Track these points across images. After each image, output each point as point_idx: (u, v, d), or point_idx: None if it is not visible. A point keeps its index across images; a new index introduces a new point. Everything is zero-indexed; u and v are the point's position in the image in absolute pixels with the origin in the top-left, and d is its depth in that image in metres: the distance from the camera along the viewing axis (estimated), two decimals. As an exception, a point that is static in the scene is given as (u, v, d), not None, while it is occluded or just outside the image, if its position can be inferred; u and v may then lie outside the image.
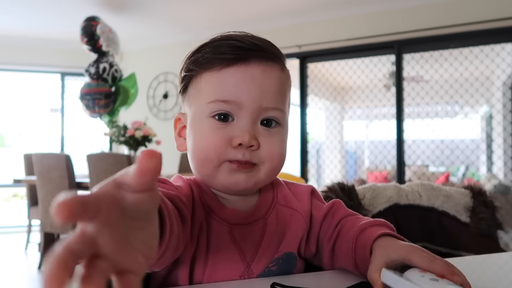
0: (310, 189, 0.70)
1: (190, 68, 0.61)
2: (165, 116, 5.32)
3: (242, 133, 0.56)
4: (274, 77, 0.59)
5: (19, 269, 3.65)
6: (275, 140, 0.59)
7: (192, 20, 4.71)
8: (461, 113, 7.09)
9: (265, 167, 0.58)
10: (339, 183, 0.98)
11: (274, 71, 0.59)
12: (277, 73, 0.59)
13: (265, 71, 0.58)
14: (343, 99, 7.29)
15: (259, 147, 0.57)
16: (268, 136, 0.58)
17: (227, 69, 0.57)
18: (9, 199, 9.42)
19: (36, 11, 4.35)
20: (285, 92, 0.61)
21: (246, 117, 0.57)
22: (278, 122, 0.59)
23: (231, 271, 0.58)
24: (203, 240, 0.58)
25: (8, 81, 5.91)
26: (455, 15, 3.77)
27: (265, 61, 0.58)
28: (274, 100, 0.58)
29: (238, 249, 0.59)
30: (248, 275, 0.59)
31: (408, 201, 0.97)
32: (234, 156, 0.56)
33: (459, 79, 4.24)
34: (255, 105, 0.57)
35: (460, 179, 7.40)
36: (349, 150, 8.84)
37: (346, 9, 4.24)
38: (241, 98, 0.56)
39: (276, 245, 0.62)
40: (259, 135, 0.58)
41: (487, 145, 6.60)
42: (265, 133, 0.58)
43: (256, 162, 0.57)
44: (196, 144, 0.59)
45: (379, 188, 0.99)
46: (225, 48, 0.58)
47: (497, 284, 0.59)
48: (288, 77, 0.63)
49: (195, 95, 0.61)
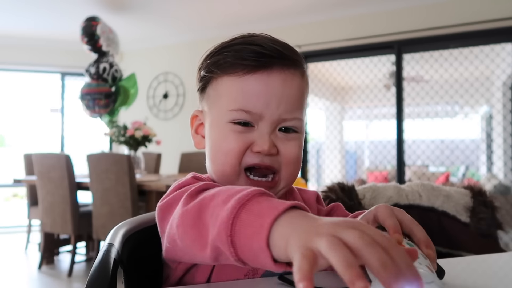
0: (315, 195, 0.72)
1: (210, 69, 0.62)
2: (165, 116, 5.32)
3: (263, 141, 0.58)
4: (295, 86, 0.60)
5: (19, 269, 3.65)
6: (292, 146, 0.61)
7: (192, 20, 4.71)
8: (461, 113, 7.09)
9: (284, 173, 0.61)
10: (339, 183, 0.98)
11: (294, 79, 0.60)
12: (297, 81, 0.61)
13: (286, 80, 0.59)
14: (343, 99, 7.28)
15: (278, 153, 0.60)
16: (286, 142, 0.60)
17: (248, 76, 0.58)
18: (9, 199, 9.42)
19: (36, 11, 4.35)
20: (304, 100, 0.63)
21: (266, 126, 0.59)
22: (296, 130, 0.62)
23: (236, 271, 0.59)
24: None
25: (8, 81, 5.91)
26: (455, 15, 3.77)
27: (287, 69, 0.59)
28: (294, 111, 0.60)
29: None
30: (253, 275, 0.59)
31: (408, 201, 0.97)
32: (252, 160, 0.59)
33: (459, 79, 4.24)
34: (275, 116, 0.59)
35: (460, 179, 7.40)
36: (349, 150, 8.84)
37: (346, 9, 4.24)
38: (262, 110, 0.58)
39: None
40: (277, 141, 0.60)
41: (487, 145, 6.60)
42: (283, 139, 0.60)
43: (276, 167, 0.60)
44: (216, 147, 0.61)
45: (379, 188, 0.99)
46: (248, 53, 0.58)
47: (497, 284, 0.59)
48: (307, 84, 0.64)
49: (215, 98, 0.62)
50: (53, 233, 3.46)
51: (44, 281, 3.23)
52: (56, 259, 3.74)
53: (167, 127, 5.19)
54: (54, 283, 3.17)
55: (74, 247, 3.22)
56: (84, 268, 3.48)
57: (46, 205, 3.25)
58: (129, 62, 5.45)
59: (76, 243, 3.23)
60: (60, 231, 3.25)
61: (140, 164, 3.58)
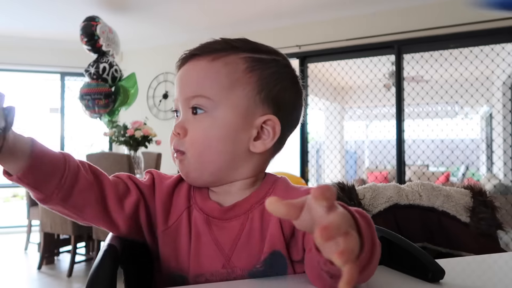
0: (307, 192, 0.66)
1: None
2: (165, 116, 5.32)
3: (176, 123, 0.64)
4: (197, 69, 0.63)
5: (19, 269, 3.65)
6: (198, 126, 0.62)
7: (192, 20, 4.71)
8: (461, 113, 7.09)
9: (189, 154, 0.62)
10: (339, 183, 0.98)
11: (199, 64, 0.63)
12: (202, 64, 0.63)
13: (189, 67, 0.64)
14: (343, 99, 7.28)
15: (186, 135, 0.63)
16: (194, 123, 0.62)
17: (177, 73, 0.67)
18: (9, 199, 9.42)
19: (36, 11, 4.35)
20: (214, 79, 0.62)
21: (181, 111, 0.64)
22: (202, 109, 0.62)
23: (212, 260, 0.61)
24: (184, 226, 0.63)
25: (8, 81, 5.91)
26: (455, 15, 3.77)
27: (191, 59, 0.65)
28: (195, 88, 0.62)
29: (214, 240, 0.61)
30: (231, 268, 0.60)
31: (408, 201, 0.97)
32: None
33: (459, 79, 4.24)
34: (182, 97, 0.64)
35: (460, 179, 7.41)
36: (349, 150, 8.84)
37: (346, 9, 4.24)
38: (177, 96, 0.65)
39: (260, 240, 0.61)
40: (189, 124, 0.63)
41: (487, 145, 6.60)
42: (192, 121, 0.63)
43: (183, 149, 0.63)
44: None
45: (379, 188, 0.99)
46: (182, 55, 0.66)
47: (497, 284, 0.59)
48: (225, 65, 0.62)
49: None
50: (53, 233, 3.46)
51: (44, 281, 3.23)
52: (56, 259, 3.75)
53: (167, 127, 5.18)
54: (54, 283, 3.17)
55: (74, 247, 3.22)
56: (84, 268, 3.48)
57: (46, 205, 3.24)
58: (129, 62, 5.45)
59: (76, 243, 3.24)
60: (60, 231, 3.25)
61: (140, 164, 3.58)
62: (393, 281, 0.56)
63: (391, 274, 0.59)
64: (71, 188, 0.58)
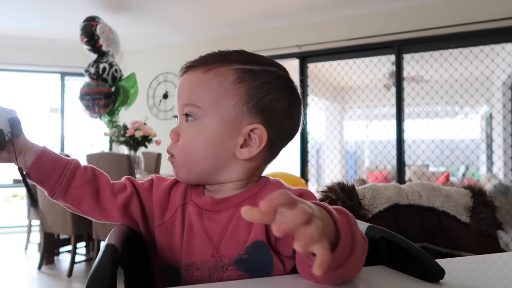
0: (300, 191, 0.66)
1: None
2: (165, 116, 5.32)
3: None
4: (191, 79, 0.68)
5: (19, 269, 3.65)
6: (188, 132, 0.67)
7: (192, 21, 4.71)
8: (461, 113, 7.09)
9: (177, 157, 0.68)
10: (339, 183, 0.98)
11: (192, 75, 0.68)
12: (196, 75, 0.67)
13: (185, 78, 0.69)
14: (343, 99, 7.28)
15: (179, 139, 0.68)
16: (185, 129, 0.67)
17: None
18: (9, 199, 9.42)
19: (36, 11, 4.35)
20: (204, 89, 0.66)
21: (178, 116, 0.70)
22: (193, 116, 0.67)
23: (203, 250, 0.65)
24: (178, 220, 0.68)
25: (8, 81, 5.91)
26: (455, 15, 3.77)
27: (188, 70, 0.69)
28: (187, 97, 0.67)
29: (205, 231, 0.65)
30: (219, 256, 0.64)
31: (408, 201, 0.97)
32: None
33: (459, 79, 4.24)
34: (178, 104, 0.69)
35: (460, 179, 7.41)
36: (349, 150, 8.84)
37: (346, 9, 4.24)
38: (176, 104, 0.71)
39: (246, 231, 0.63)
40: (181, 129, 0.68)
41: (487, 145, 6.60)
42: (184, 127, 0.68)
43: (173, 152, 0.68)
44: None
45: (379, 188, 0.99)
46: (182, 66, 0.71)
47: (497, 284, 0.59)
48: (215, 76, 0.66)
49: None
50: (53, 233, 3.46)
51: (44, 281, 3.23)
52: (56, 259, 3.75)
53: (167, 127, 5.18)
54: (54, 283, 3.18)
55: (74, 247, 3.22)
56: (84, 268, 3.48)
57: (46, 205, 3.25)
58: (129, 62, 5.45)
59: (76, 243, 3.23)
60: (60, 231, 3.25)
61: (140, 164, 3.58)
62: (393, 281, 0.56)
63: (391, 274, 0.59)
64: (68, 184, 0.67)
